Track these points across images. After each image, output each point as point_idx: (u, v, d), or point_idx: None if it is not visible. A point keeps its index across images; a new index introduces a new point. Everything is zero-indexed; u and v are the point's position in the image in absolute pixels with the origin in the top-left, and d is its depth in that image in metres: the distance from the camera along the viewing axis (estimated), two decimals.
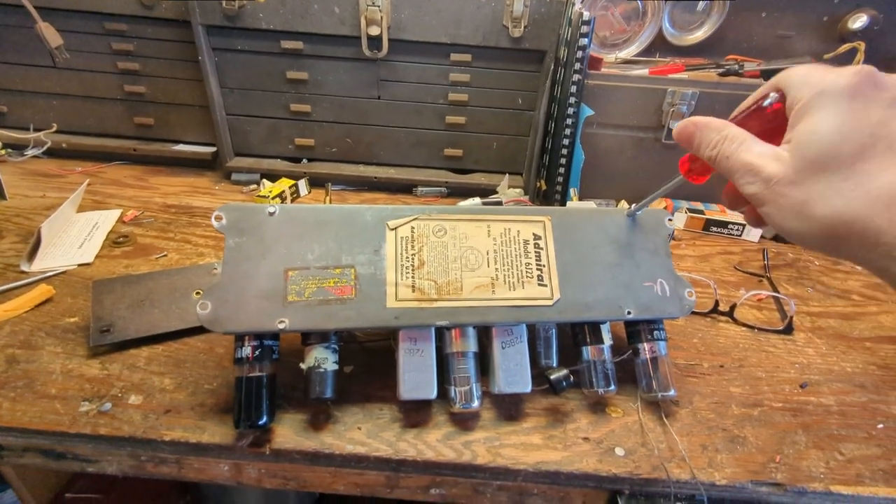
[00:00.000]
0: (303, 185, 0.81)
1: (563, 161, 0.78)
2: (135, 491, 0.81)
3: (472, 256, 0.42)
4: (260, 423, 0.36)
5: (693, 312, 0.57)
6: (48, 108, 0.85)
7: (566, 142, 0.76)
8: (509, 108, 0.81)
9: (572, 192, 0.54)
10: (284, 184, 0.78)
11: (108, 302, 0.46)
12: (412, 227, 0.41)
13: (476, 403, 0.39)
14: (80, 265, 0.57)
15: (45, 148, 0.81)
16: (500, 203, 0.53)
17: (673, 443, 0.40)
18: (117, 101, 0.84)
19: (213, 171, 0.87)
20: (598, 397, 0.43)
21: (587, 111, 0.73)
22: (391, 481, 0.39)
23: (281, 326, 0.36)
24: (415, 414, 0.41)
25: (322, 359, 0.38)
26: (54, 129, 0.82)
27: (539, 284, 0.42)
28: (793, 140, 0.26)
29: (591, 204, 0.51)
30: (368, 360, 0.45)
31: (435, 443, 0.38)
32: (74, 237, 0.62)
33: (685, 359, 0.50)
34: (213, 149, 0.85)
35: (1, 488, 0.77)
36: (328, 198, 0.46)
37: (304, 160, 0.86)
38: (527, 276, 0.42)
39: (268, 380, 0.37)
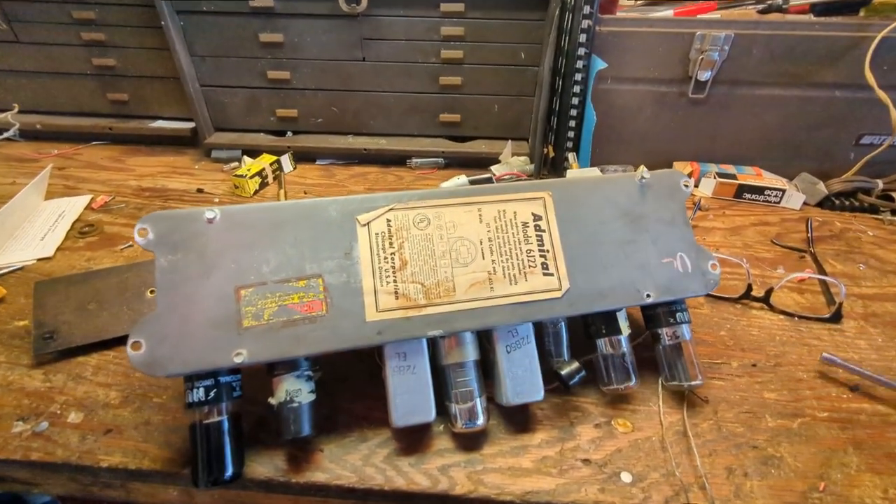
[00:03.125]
0: (286, 160, 0.74)
1: (572, 123, 0.69)
2: None
3: (463, 249, 0.35)
4: (225, 477, 0.30)
5: (721, 298, 0.49)
6: (18, 87, 0.80)
7: (576, 101, 0.66)
8: (510, 65, 0.71)
9: (571, 157, 0.46)
10: (265, 160, 0.72)
11: (50, 305, 0.41)
12: (388, 220, 0.35)
13: (481, 420, 0.34)
14: (39, 260, 0.53)
15: (13, 130, 0.76)
16: (489, 180, 0.45)
17: (691, 464, 0.33)
18: (87, 76, 0.78)
19: (194, 149, 0.82)
20: (618, 393, 0.38)
21: (599, 64, 0.63)
22: None
23: (238, 360, 0.30)
24: (385, 432, 0.35)
25: (294, 391, 0.32)
26: (16, 109, 0.77)
27: (544, 274, 0.35)
28: None
29: (594, 172, 0.43)
30: (341, 366, 0.40)
31: (407, 468, 0.33)
32: (38, 228, 0.58)
33: (709, 356, 0.42)
34: (192, 124, 0.79)
35: None
36: (283, 191, 0.40)
37: (289, 133, 0.79)
38: (529, 266, 0.35)
39: (230, 423, 0.31)
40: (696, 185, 0.71)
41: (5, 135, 0.77)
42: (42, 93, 0.80)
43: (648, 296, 0.37)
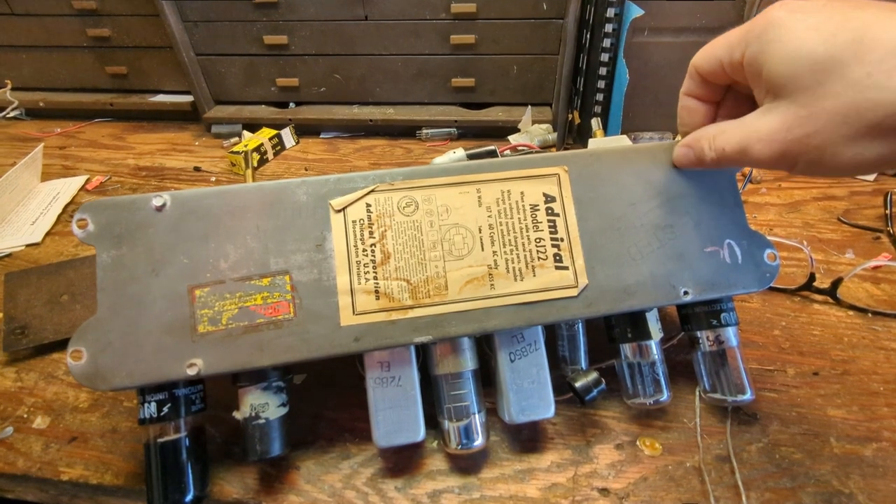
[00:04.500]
0: (287, 134, 0.69)
1: (601, 84, 0.60)
2: None
3: (458, 238, 0.29)
4: (185, 501, 0.27)
5: (775, 289, 0.41)
6: (19, 63, 0.77)
7: (605, 57, 0.58)
8: (531, 18, 0.63)
9: (594, 124, 0.39)
10: (264, 135, 0.67)
11: (22, 298, 0.39)
12: (367, 205, 0.29)
13: (479, 441, 0.29)
14: (27, 246, 0.51)
15: (11, 108, 0.74)
16: (493, 153, 0.39)
17: (735, 499, 0.27)
18: (85, 48, 0.75)
19: (197, 124, 0.78)
20: (646, 408, 0.32)
21: (635, 11, 0.54)
22: None
23: (191, 372, 0.26)
24: (371, 448, 0.31)
25: (261, 405, 0.28)
26: (9, 86, 0.74)
27: (557, 268, 0.29)
28: (771, 83, 0.22)
29: (622, 140, 0.36)
30: (326, 368, 0.36)
31: (393, 492, 0.29)
32: (32, 212, 0.56)
33: (760, 361, 0.36)
34: (192, 98, 0.75)
35: None
36: (249, 171, 0.34)
37: (292, 104, 0.74)
38: (539, 258, 0.29)
39: (190, 440, 0.27)
40: None
41: (9, 114, 0.76)
42: (42, 68, 0.77)
43: (686, 293, 0.30)
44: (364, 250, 0.29)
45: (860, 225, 0.49)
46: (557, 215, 0.30)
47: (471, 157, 0.42)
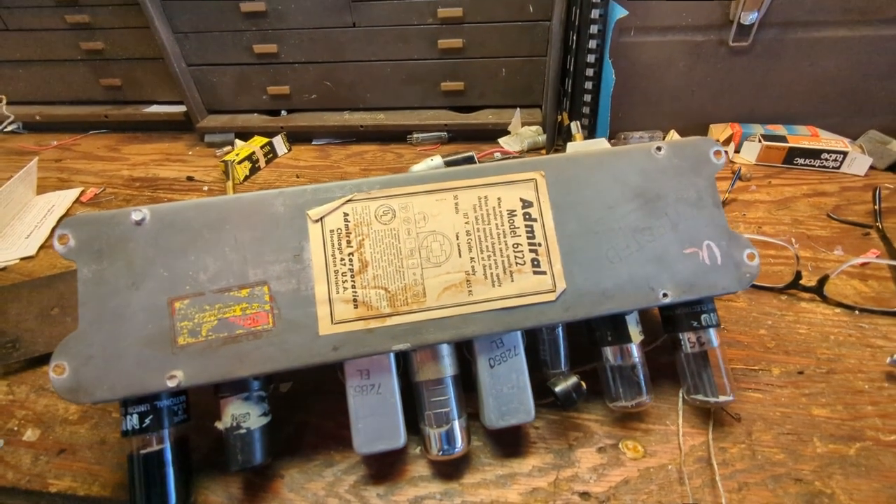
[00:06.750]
0: (279, 142, 0.70)
1: (589, 85, 0.60)
2: None
3: (435, 245, 0.29)
4: None
5: (761, 288, 0.41)
6: (15, 78, 0.78)
7: (592, 58, 0.58)
8: (517, 21, 0.63)
9: (574, 127, 0.39)
10: (255, 143, 0.67)
11: (12, 312, 0.39)
12: (345, 214, 0.29)
13: (460, 446, 0.29)
14: (22, 259, 0.51)
15: (7, 122, 0.75)
16: (470, 160, 0.39)
17: (715, 501, 0.27)
18: (79, 62, 0.76)
19: (190, 134, 0.78)
20: (628, 411, 0.32)
21: (619, 11, 0.54)
22: None
23: (171, 384, 0.26)
24: (354, 456, 0.31)
25: (242, 415, 0.28)
26: (4, 101, 0.75)
27: (535, 273, 0.29)
28: None
29: (601, 143, 0.36)
30: (312, 375, 0.36)
31: (375, 499, 0.29)
32: (27, 225, 0.57)
33: (745, 361, 0.36)
34: (185, 108, 0.75)
35: None
36: (230, 183, 0.35)
37: (283, 112, 0.74)
38: (517, 263, 0.29)
39: (173, 450, 0.28)
40: (737, 151, 0.61)
41: (6, 128, 0.77)
42: (37, 82, 0.78)
43: (665, 295, 0.30)
44: (342, 259, 0.29)
45: (849, 221, 0.48)
46: (535, 220, 0.30)
47: (448, 163, 0.42)
